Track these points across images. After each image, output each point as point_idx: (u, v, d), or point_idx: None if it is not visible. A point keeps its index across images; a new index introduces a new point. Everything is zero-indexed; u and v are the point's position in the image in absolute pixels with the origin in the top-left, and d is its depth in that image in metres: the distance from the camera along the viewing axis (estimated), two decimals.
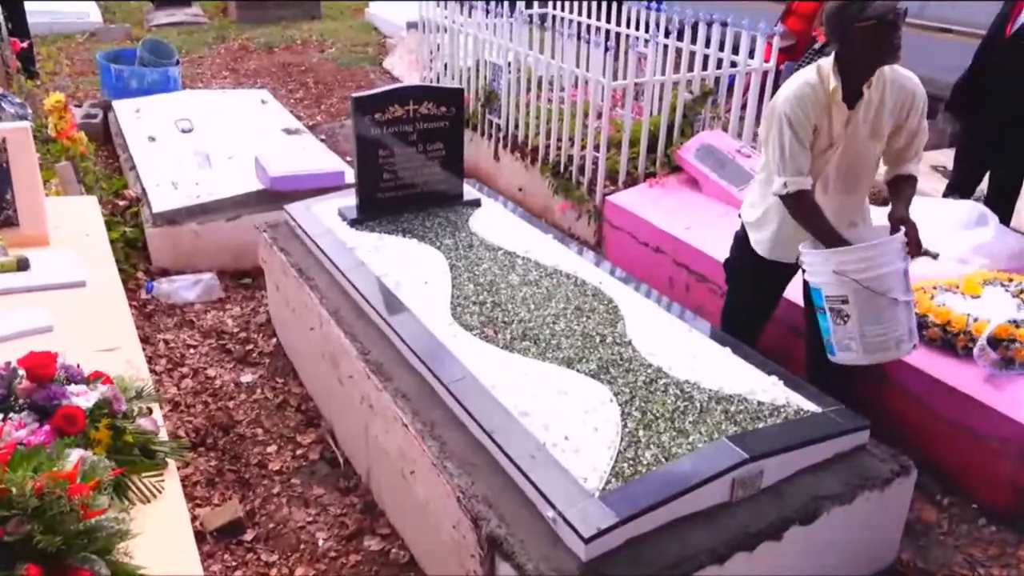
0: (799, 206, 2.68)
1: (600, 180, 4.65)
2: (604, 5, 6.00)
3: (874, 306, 2.54)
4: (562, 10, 6.41)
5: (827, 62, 2.63)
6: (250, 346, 3.84)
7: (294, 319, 3.45)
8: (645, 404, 2.33)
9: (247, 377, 3.62)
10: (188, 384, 3.56)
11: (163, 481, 1.65)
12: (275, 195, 4.36)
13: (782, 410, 2.34)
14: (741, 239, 3.05)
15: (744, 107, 4.79)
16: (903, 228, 2.62)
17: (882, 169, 2.88)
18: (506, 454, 2.17)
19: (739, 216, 3.07)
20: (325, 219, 3.54)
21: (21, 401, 1.63)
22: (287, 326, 3.69)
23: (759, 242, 2.94)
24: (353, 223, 3.47)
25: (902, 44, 2.51)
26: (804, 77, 2.64)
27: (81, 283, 2.46)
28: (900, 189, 2.76)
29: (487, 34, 5.53)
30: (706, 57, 4.70)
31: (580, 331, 2.70)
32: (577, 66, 4.71)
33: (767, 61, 4.69)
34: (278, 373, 3.64)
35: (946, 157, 5.19)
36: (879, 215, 2.91)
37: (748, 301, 3.13)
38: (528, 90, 5.23)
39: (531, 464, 2.12)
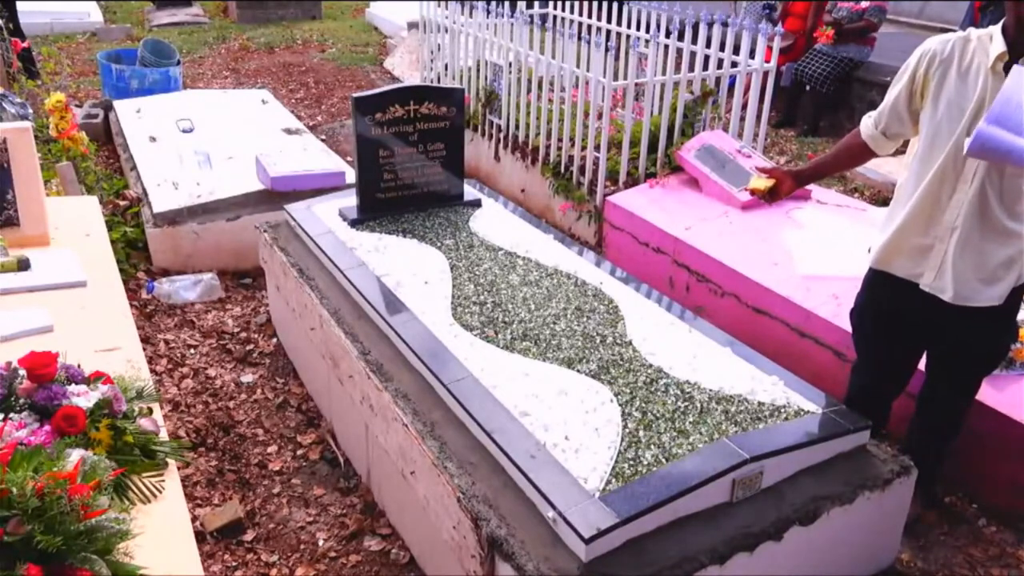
0: (847, 137, 2.59)
1: (601, 180, 4.65)
2: (605, 5, 6.01)
3: None
4: (562, 10, 6.42)
5: (988, 30, 2.26)
6: (250, 346, 3.84)
7: (294, 319, 3.45)
8: (645, 404, 2.33)
9: (247, 377, 3.62)
10: (188, 384, 3.56)
11: (163, 481, 1.65)
12: (275, 195, 4.37)
13: (782, 410, 2.34)
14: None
15: (745, 107, 4.80)
16: None
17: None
18: (506, 454, 2.17)
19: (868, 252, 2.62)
20: (326, 219, 3.54)
21: (22, 401, 1.63)
22: (287, 326, 3.69)
23: (873, 249, 2.53)
24: (353, 223, 3.47)
25: None
26: (962, 32, 2.28)
27: (82, 283, 2.46)
28: None
29: (488, 34, 5.53)
30: (707, 57, 4.70)
31: (580, 331, 2.70)
32: (577, 66, 4.71)
33: (767, 61, 4.69)
34: (278, 373, 3.65)
35: None
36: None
37: (863, 334, 2.70)
38: (529, 90, 5.23)
39: (531, 464, 2.12)
